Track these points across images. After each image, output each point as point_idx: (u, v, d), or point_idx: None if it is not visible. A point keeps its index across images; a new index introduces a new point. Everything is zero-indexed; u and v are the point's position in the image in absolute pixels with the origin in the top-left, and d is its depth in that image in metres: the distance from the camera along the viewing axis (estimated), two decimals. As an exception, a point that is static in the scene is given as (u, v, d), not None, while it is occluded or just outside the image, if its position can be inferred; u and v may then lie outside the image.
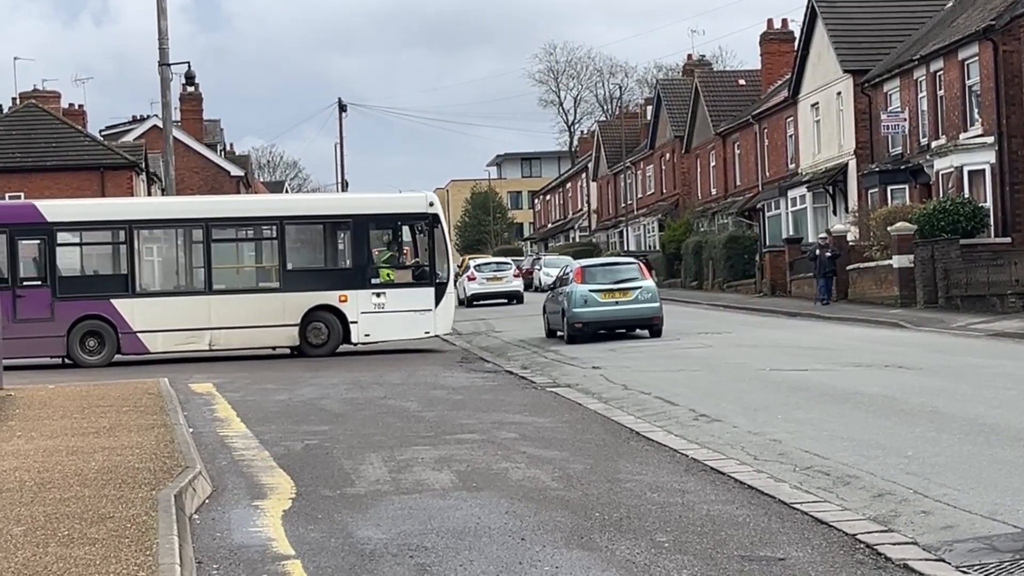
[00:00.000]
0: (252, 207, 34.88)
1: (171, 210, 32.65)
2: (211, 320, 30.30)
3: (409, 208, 31.93)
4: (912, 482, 11.30)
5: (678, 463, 12.74)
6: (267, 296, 30.58)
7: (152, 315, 30.25)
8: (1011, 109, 40.85)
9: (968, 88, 44.30)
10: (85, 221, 31.49)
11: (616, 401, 18.46)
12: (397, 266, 31.34)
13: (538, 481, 11.93)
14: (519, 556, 9.00)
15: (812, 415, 16.25)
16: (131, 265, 30.71)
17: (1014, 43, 41.26)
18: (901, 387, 19.12)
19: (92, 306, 30.08)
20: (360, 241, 31.19)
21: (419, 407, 18.61)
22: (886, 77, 51.06)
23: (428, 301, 30.72)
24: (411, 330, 30.73)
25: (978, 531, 9.41)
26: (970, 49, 43.77)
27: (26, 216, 31.18)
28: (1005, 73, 41.45)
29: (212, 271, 30.79)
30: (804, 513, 10.07)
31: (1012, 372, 20.71)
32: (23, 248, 30.61)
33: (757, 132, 66.84)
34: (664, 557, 8.84)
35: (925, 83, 47.75)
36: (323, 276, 31.18)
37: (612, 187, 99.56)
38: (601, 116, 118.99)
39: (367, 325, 30.53)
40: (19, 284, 30.21)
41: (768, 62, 71.40)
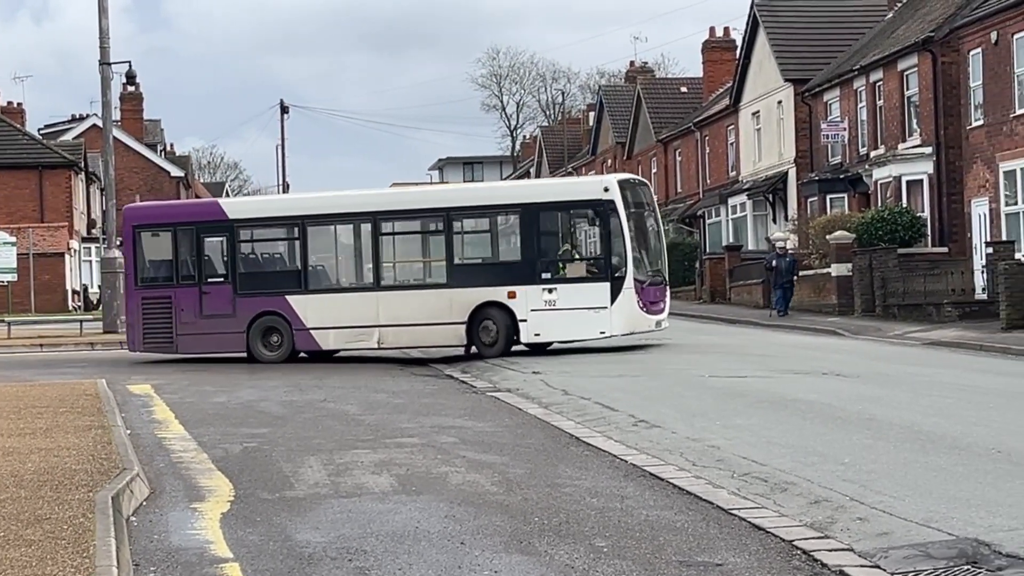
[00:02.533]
0: (418, 199, 32.84)
1: (339, 204, 31.42)
2: (379, 317, 29.09)
3: (582, 195, 29.32)
4: (849, 489, 11.37)
5: (617, 468, 12.77)
6: (434, 292, 29.12)
7: (324, 312, 29.48)
8: (949, 120, 41.22)
9: (907, 98, 44.68)
10: (261, 217, 31.49)
11: (556, 406, 18.47)
12: (569, 259, 28.96)
13: (478, 485, 11.93)
14: (458, 560, 9.00)
15: (750, 421, 16.32)
16: (303, 261, 30.13)
17: (952, 54, 41.64)
18: (838, 394, 19.24)
19: (269, 303, 29.71)
20: (530, 232, 28.75)
21: (359, 411, 18.57)
22: (826, 87, 51.41)
23: (603, 298, 27.98)
24: (584, 330, 28.35)
25: (913, 538, 9.48)
26: (909, 60, 44.15)
27: (210, 214, 31.49)
28: (943, 84, 41.84)
29: (380, 266, 29.91)
30: (742, 519, 10.12)
31: (948, 381, 20.90)
32: (208, 245, 30.72)
33: (698, 139, 67.14)
34: (603, 562, 8.86)
35: (865, 93, 48.12)
36: (491, 271, 29.25)
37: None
38: (544, 121, 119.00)
39: (537, 323, 28.39)
40: (204, 281, 30.22)
41: (710, 70, 71.69)
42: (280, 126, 78.45)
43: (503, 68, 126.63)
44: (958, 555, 8.94)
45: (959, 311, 34.66)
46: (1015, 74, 37.98)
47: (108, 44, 40.76)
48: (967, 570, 8.61)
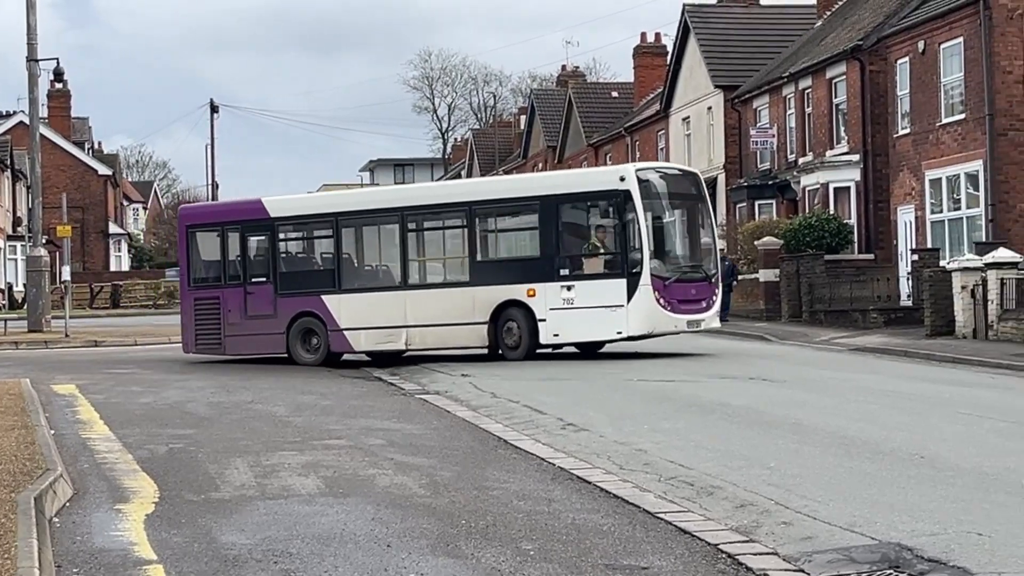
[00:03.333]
0: (440, 194, 31.90)
1: (368, 200, 31.13)
2: (407, 318, 28.05)
3: (598, 185, 27.26)
4: (774, 493, 11.43)
5: (545, 471, 12.78)
6: (458, 291, 27.82)
7: (355, 312, 28.53)
8: (876, 128, 41.62)
9: (835, 106, 45.05)
10: (298, 216, 30.44)
11: (485, 409, 18.46)
12: (587, 254, 27.01)
13: (405, 488, 11.90)
14: (385, 563, 8.98)
15: (678, 425, 16.38)
16: (337, 260, 29.31)
17: (880, 63, 42.02)
18: (765, 399, 19.36)
19: (306, 303, 28.91)
20: (548, 226, 27.05)
21: (287, 412, 18.48)
22: (756, 93, 51.74)
23: (620, 295, 26.06)
24: (602, 330, 26.61)
25: (837, 542, 9.54)
26: (838, 68, 44.51)
27: (254, 212, 30.51)
28: (871, 92, 42.22)
29: (407, 264, 28.69)
30: (668, 523, 10.15)
31: (872, 386, 21.06)
32: (252, 245, 30.17)
33: (629, 144, 67.32)
34: (529, 565, 8.86)
35: (794, 100, 48.45)
36: (512, 267, 27.79)
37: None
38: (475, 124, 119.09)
39: (556, 323, 26.74)
40: (249, 281, 29.62)
41: (641, 75, 71.98)
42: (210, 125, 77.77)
43: (435, 70, 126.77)
44: (881, 559, 9.01)
45: (884, 317, 35.02)
46: (941, 83, 38.38)
47: (36, 40, 40.38)
48: (889, 574, 8.67)
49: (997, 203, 35.29)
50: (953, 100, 38.14)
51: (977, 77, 36.43)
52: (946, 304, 30.95)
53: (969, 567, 8.70)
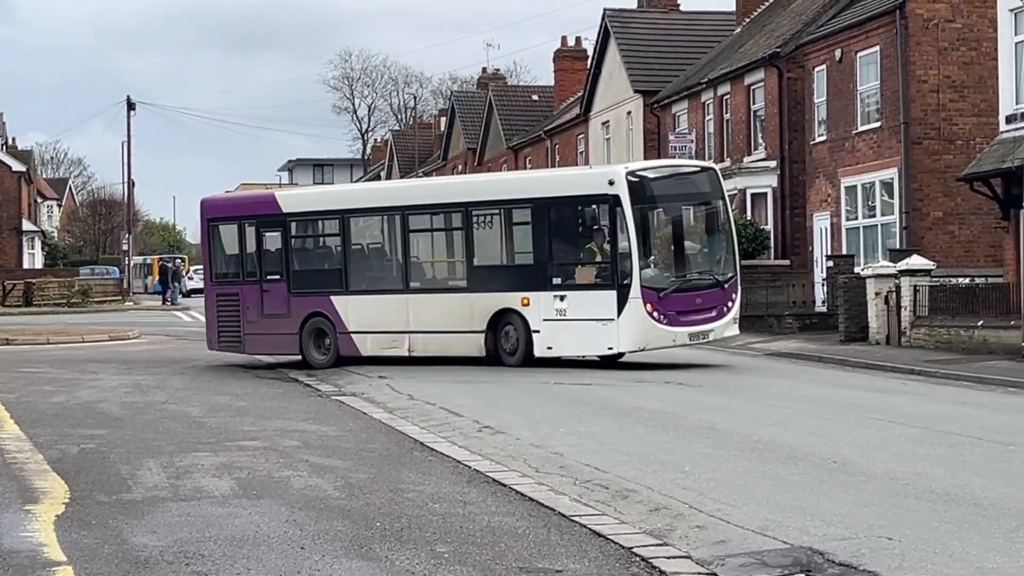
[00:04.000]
0: (438, 192, 29.47)
1: (374, 197, 29.62)
2: (409, 323, 26.61)
3: (588, 188, 24.98)
4: (688, 497, 11.49)
5: (460, 474, 12.77)
6: (456, 297, 26.20)
7: (362, 315, 27.16)
8: (793, 135, 41.94)
9: (753, 112, 45.36)
10: (307, 211, 29.13)
11: (401, 411, 18.44)
12: (579, 262, 25.05)
13: (320, 490, 11.85)
14: (298, 565, 8.92)
15: (594, 429, 16.43)
16: (344, 259, 27.81)
17: (798, 70, 42.36)
18: (680, 403, 19.46)
19: (317, 303, 27.61)
20: (541, 231, 25.11)
21: (201, 413, 18.34)
22: (675, 99, 51.99)
23: (610, 309, 23.98)
24: (593, 345, 24.69)
25: (750, 546, 9.60)
26: (756, 75, 44.82)
27: (268, 207, 29.27)
28: (789, 99, 42.55)
29: (409, 266, 27.20)
30: (582, 526, 10.16)
31: (786, 391, 21.23)
32: (267, 241, 28.74)
33: (549, 147, 67.45)
34: (444, 568, 8.85)
35: (712, 106, 48.74)
36: (507, 274, 26.01)
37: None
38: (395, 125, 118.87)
39: (549, 336, 24.88)
40: (265, 279, 28.34)
41: (561, 79, 72.13)
42: (127, 123, 76.96)
43: (355, 71, 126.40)
44: (792, 563, 9.08)
45: (800, 323, 35.33)
46: (858, 91, 38.75)
47: (-50, 34, 39.84)
48: (801, 578, 8.75)
49: (911, 211, 35.68)
50: (869, 108, 38.51)
51: (893, 86, 36.82)
52: (860, 310, 31.25)
53: (879, 572, 8.79)
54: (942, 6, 36.88)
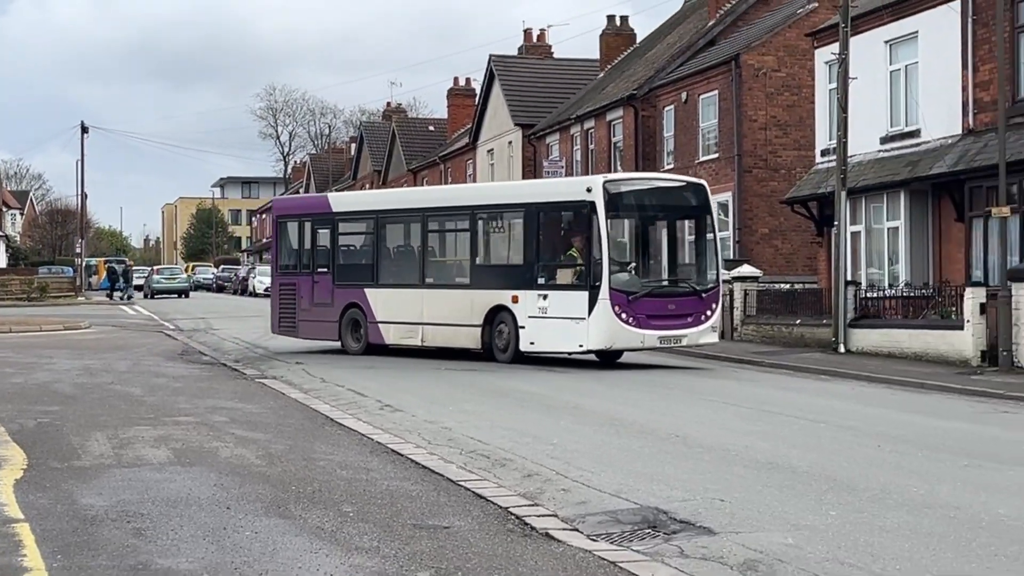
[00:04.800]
0: (453, 196, 28.27)
1: (400, 200, 28.52)
2: (423, 315, 25.27)
3: (570, 195, 23.40)
4: (555, 465, 11.53)
5: (364, 445, 12.70)
6: (460, 292, 24.83)
7: (386, 306, 25.99)
8: (646, 163, 42.20)
9: (613, 144, 45.65)
10: (351, 211, 27.93)
11: (315, 392, 18.30)
12: (559, 264, 23.48)
13: (244, 459, 11.72)
14: (224, 522, 8.83)
15: (478, 408, 16.43)
16: (375, 255, 26.76)
17: (651, 109, 42.72)
18: (550, 386, 19.53)
19: (353, 294, 26.50)
20: (530, 234, 23.68)
21: (142, 392, 18.05)
22: (549, 131, 52.18)
23: (582, 308, 22.38)
24: (567, 342, 22.92)
25: (606, 506, 9.66)
26: (616, 112, 45.13)
27: (321, 207, 28.58)
28: (643, 133, 42.89)
29: (426, 263, 25.80)
30: (467, 489, 10.16)
31: (638, 378, 21.39)
32: (320, 237, 27.84)
33: (443, 170, 67.44)
34: (349, 524, 8.80)
35: (579, 138, 48.99)
36: (502, 273, 24.41)
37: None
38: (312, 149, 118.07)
39: (532, 332, 23.28)
40: (316, 271, 27.51)
41: (454, 113, 72.17)
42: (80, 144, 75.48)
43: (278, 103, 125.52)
44: (642, 521, 9.15)
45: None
46: (700, 128, 39.17)
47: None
48: (648, 533, 8.80)
49: (742, 227, 36.17)
50: (709, 142, 38.94)
51: (729, 123, 37.27)
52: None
53: (712, 527, 8.88)
54: (770, 58, 37.43)
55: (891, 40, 30.03)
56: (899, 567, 7.77)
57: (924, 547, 8.32)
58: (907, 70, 29.65)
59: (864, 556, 8.03)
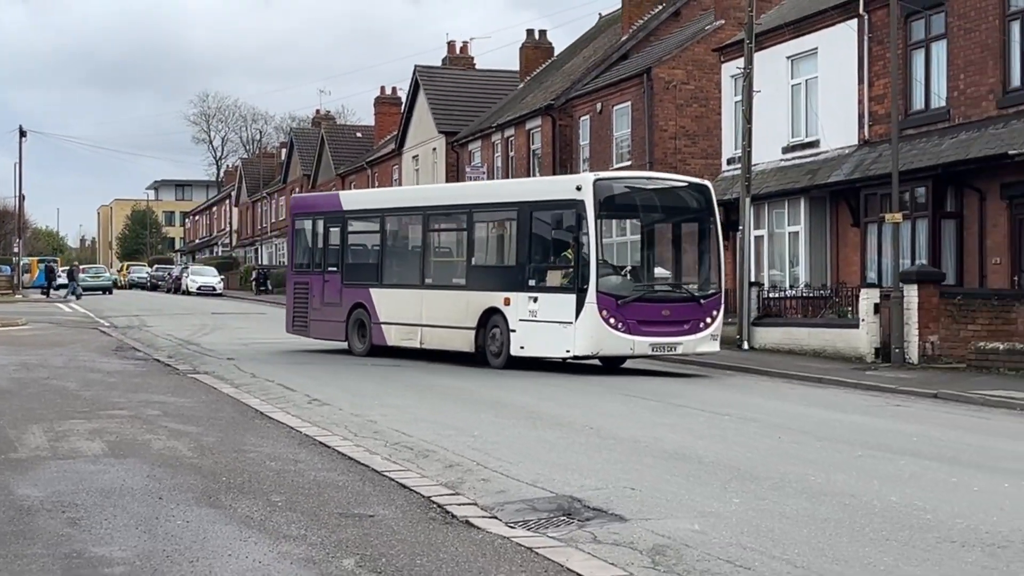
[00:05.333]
0: (452, 195, 26.04)
1: (404, 198, 26.55)
2: (422, 317, 23.49)
3: (560, 194, 21.24)
4: (476, 456, 11.52)
5: (293, 438, 12.60)
6: (457, 294, 22.83)
7: (389, 307, 24.31)
8: (563, 170, 42.38)
9: (532, 151, 45.76)
10: (359, 210, 26.15)
11: (245, 386, 18.12)
12: (549, 266, 21.41)
13: (176, 451, 11.58)
14: (157, 512, 8.71)
15: (402, 401, 16.37)
16: (380, 255, 25.04)
17: (567, 119, 42.89)
18: (474, 382, 19.51)
19: (359, 294, 24.86)
20: (522, 234, 21.64)
21: (78, 387, 17.76)
22: (471, 138, 52.19)
23: (570, 312, 20.31)
24: (555, 347, 20.87)
25: (524, 495, 9.66)
26: (535, 121, 45.25)
27: (333, 205, 26.89)
28: (560, 141, 43.07)
29: (426, 264, 24.00)
30: (391, 479, 10.11)
31: (554, 374, 21.41)
32: (331, 235, 26.26)
33: (370, 175, 67.21)
34: (277, 513, 8.72)
35: (500, 145, 49.05)
36: (495, 274, 22.49)
37: (251, 212, 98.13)
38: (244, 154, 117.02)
39: (523, 336, 21.24)
40: (326, 270, 25.96)
41: (380, 120, 71.95)
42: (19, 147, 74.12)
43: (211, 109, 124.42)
44: (556, 508, 9.16)
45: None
46: (614, 136, 39.39)
47: None
48: (563, 520, 8.82)
49: (654, 231, 36.35)
50: (622, 150, 39.15)
51: (641, 133, 37.50)
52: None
53: (624, 514, 8.92)
54: (679, 72, 37.71)
55: (792, 56, 30.41)
56: (798, 551, 7.85)
57: (821, 532, 8.42)
58: (807, 84, 30.05)
59: (765, 541, 8.11)
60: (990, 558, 7.75)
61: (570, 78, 45.28)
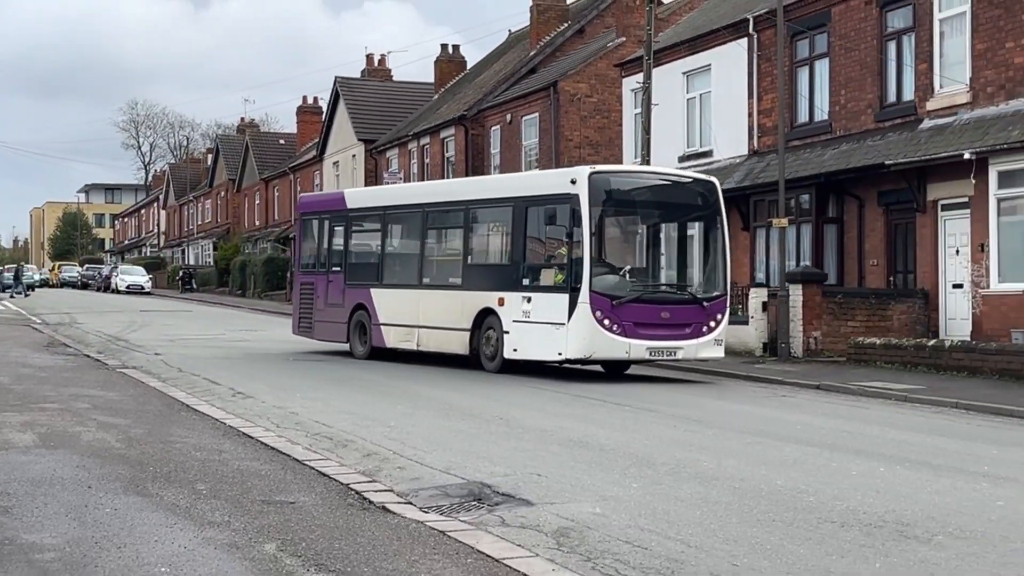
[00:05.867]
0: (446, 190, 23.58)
1: (406, 196, 23.71)
2: (419, 318, 21.39)
3: (555, 188, 18.84)
4: (392, 445, 11.48)
5: (218, 429, 12.45)
6: (453, 294, 20.70)
7: (389, 308, 22.24)
8: (475, 175, 42.41)
9: (446, 158, 45.71)
10: (362, 208, 24.01)
11: (172, 380, 17.85)
12: (543, 264, 19.17)
13: (105, 442, 11.38)
14: (86, 500, 8.56)
15: (323, 394, 16.25)
16: (381, 254, 22.98)
17: (480, 128, 42.92)
18: (387, 374, 19.43)
19: (361, 295, 22.83)
20: (517, 231, 19.46)
21: (10, 381, 17.36)
22: (389, 146, 52.00)
23: (562, 313, 18.20)
24: (547, 350, 18.66)
25: (437, 481, 9.65)
26: (449, 130, 45.21)
27: (337, 204, 24.67)
28: (472, 149, 43.08)
29: (424, 263, 21.84)
30: (312, 468, 10.04)
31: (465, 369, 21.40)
32: (336, 235, 24.23)
33: (292, 180, 66.67)
34: (202, 501, 8.62)
35: (416, 152, 48.93)
36: (490, 273, 20.24)
37: (178, 215, 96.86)
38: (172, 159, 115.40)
39: (516, 337, 19.12)
40: (330, 270, 23.94)
41: (302, 128, 71.44)
42: (-48, 151, 72.47)
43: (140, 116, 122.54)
44: (468, 494, 9.16)
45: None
46: (523, 145, 39.50)
47: None
48: (474, 505, 8.82)
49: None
50: (531, 158, 39.27)
51: (548, 142, 37.64)
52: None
53: (531, 499, 8.95)
54: (583, 85, 37.93)
55: (688, 71, 30.74)
56: (691, 532, 7.94)
57: (713, 514, 8.52)
58: (701, 98, 30.39)
59: (662, 523, 8.19)
60: (867, 537, 7.90)
61: (482, 90, 45.32)
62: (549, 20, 45.23)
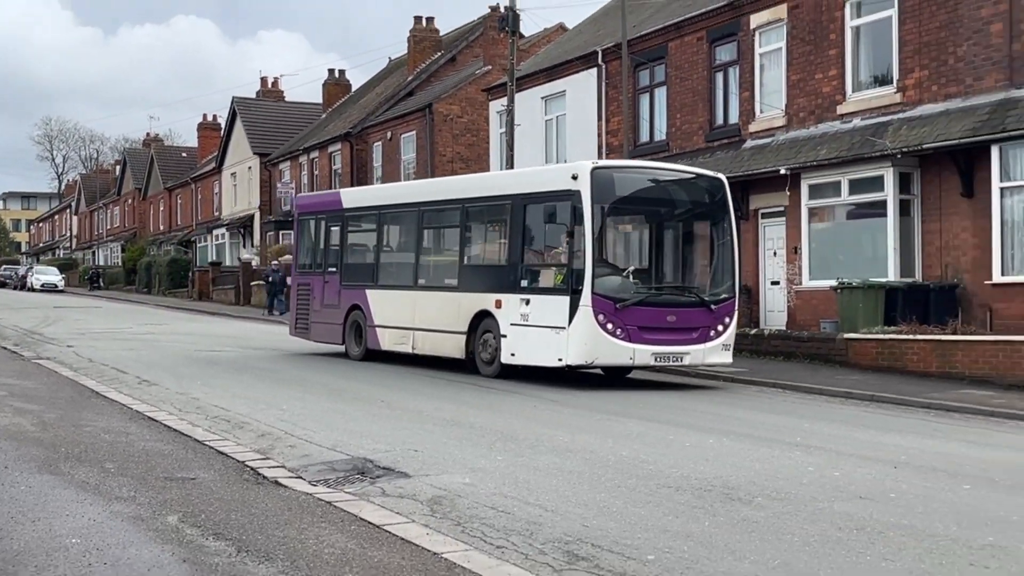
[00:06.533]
0: (441, 188, 20.24)
1: (402, 194, 20.59)
2: (415, 320, 18.67)
3: (555, 184, 15.91)
4: (284, 426, 11.32)
5: (125, 414, 12.11)
6: (448, 296, 17.94)
7: (384, 309, 19.56)
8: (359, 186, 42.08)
9: (334, 171, 45.26)
10: (358, 207, 21.11)
11: (83, 370, 17.29)
12: (542, 264, 16.45)
13: (20, 426, 10.97)
14: (2, 479, 8.23)
15: (221, 381, 15.93)
16: (376, 255, 20.30)
17: (363, 144, 42.60)
18: (280, 364, 19.15)
19: (357, 296, 20.18)
20: (515, 229, 16.62)
21: (-71, 373, 16.64)
22: (281, 159, 51.27)
23: (562, 316, 15.44)
24: (547, 354, 15.81)
25: (325, 458, 9.55)
26: (336, 146, 44.77)
27: (333, 204, 21.71)
28: (357, 163, 42.73)
29: (419, 264, 19.14)
30: (211, 448, 9.84)
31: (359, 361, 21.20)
32: (332, 235, 21.48)
33: (194, 189, 65.33)
34: (110, 478, 8.38)
35: (307, 165, 48.33)
36: (487, 274, 17.36)
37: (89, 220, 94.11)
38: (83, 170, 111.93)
39: (514, 342, 16.37)
40: (327, 270, 21.22)
41: (203, 143, 70.08)
42: None
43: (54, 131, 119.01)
44: (352, 468, 9.10)
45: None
46: (402, 160, 39.33)
47: None
48: (358, 478, 8.76)
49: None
50: (409, 172, 39.11)
51: (424, 157, 37.53)
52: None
53: (408, 472, 8.92)
54: (455, 107, 37.95)
55: (546, 96, 30.98)
56: (548, 497, 8.01)
57: (567, 482, 8.60)
58: (558, 120, 30.67)
59: (523, 490, 8.24)
60: (698, 499, 8.07)
61: (365, 110, 45.01)
62: (425, 49, 45.16)
